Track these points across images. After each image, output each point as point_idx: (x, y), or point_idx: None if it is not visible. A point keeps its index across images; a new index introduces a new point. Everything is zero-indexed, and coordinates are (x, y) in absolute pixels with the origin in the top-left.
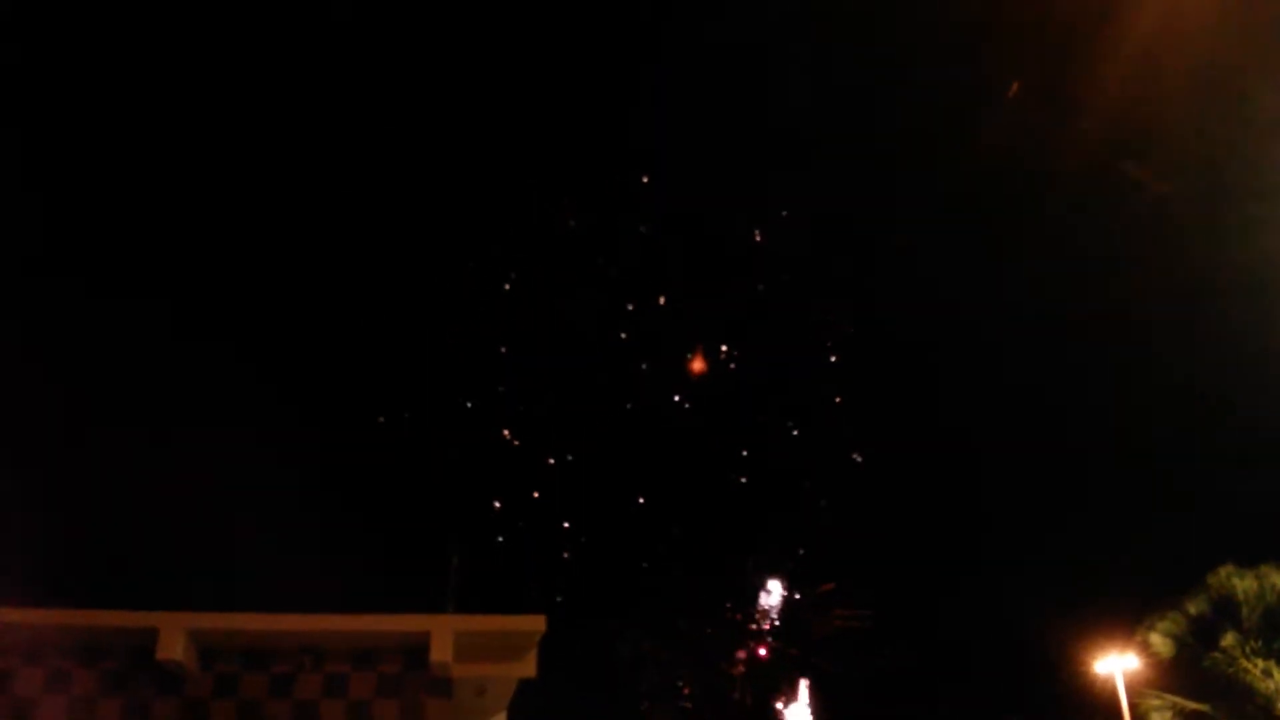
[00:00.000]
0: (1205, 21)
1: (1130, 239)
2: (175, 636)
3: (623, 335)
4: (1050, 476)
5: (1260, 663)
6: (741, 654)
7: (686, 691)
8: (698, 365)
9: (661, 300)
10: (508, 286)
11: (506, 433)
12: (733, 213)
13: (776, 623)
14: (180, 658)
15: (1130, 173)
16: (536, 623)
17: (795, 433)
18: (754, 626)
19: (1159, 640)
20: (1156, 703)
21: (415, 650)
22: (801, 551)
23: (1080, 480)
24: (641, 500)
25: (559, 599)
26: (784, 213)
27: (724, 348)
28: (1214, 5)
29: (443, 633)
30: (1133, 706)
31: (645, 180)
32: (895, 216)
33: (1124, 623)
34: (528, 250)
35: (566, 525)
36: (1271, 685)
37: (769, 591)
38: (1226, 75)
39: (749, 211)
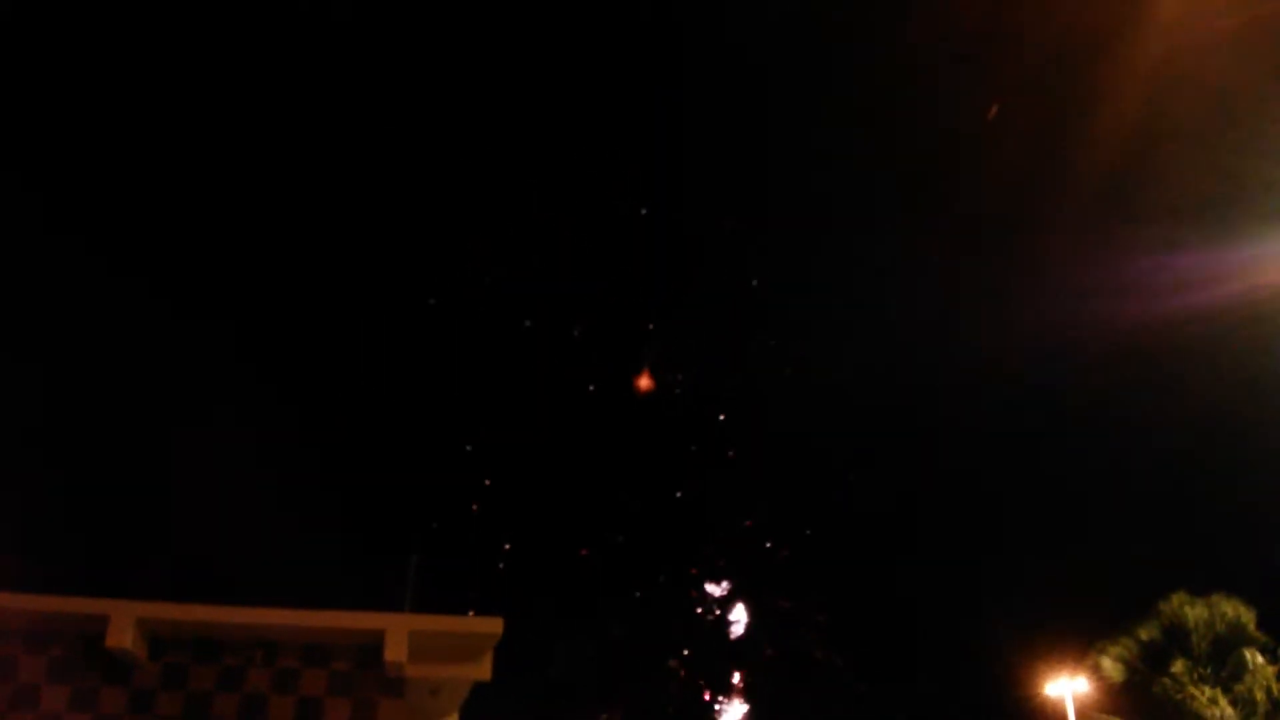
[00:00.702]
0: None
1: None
2: (125, 625)
3: (575, 333)
4: (1005, 501)
5: (1208, 690)
6: (674, 663)
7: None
8: (644, 384)
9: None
10: (474, 291)
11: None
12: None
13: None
14: (129, 646)
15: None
16: (493, 625)
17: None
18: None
19: (1110, 665)
20: None
21: (369, 649)
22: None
23: (1036, 506)
24: (587, 510)
25: (507, 602)
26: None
27: (674, 374)
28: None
29: (397, 632)
30: None
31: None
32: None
33: (1076, 646)
34: (491, 255)
35: (515, 531)
36: (1217, 713)
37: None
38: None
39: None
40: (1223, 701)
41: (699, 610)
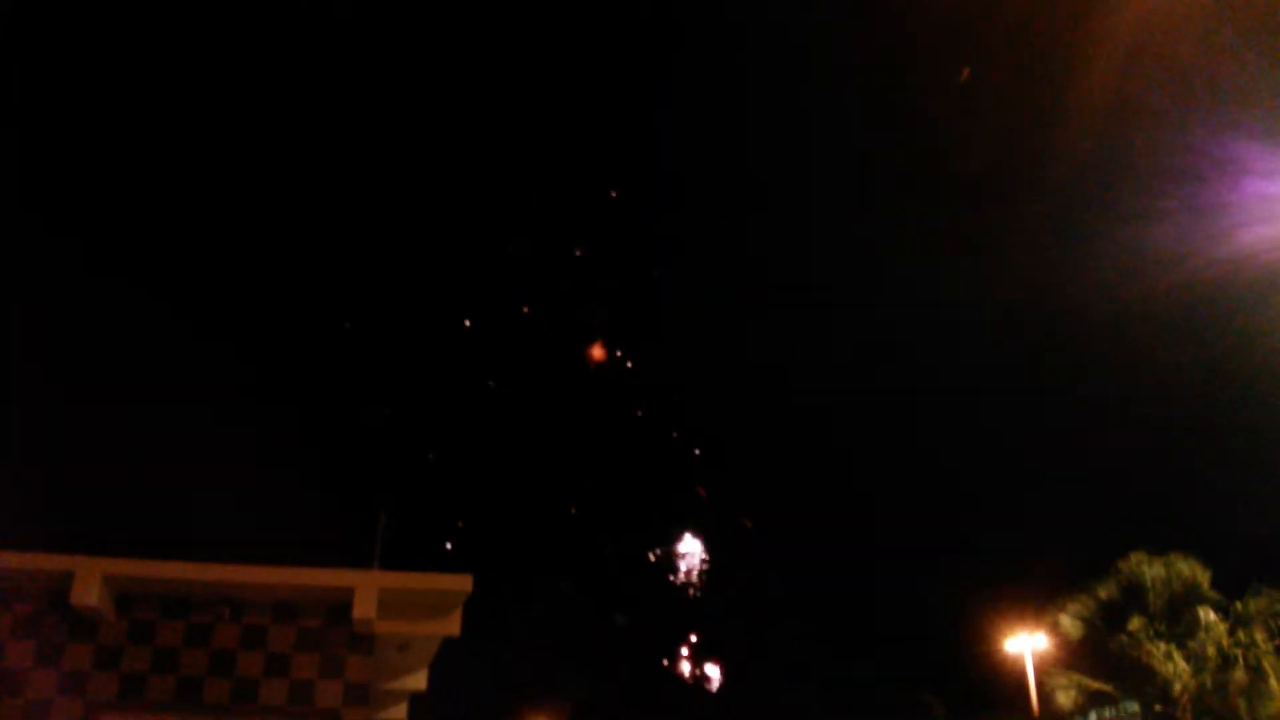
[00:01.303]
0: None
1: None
2: (91, 581)
3: (525, 310)
4: (967, 465)
5: (1163, 646)
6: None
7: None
8: (597, 354)
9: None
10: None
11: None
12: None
13: (693, 579)
14: (95, 603)
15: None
16: (463, 582)
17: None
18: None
19: (1068, 621)
20: (1063, 681)
21: (338, 605)
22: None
23: (997, 469)
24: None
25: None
26: None
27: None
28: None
29: (367, 589)
30: (1040, 685)
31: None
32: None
33: (1035, 604)
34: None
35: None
36: (1172, 668)
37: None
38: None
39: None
40: (1177, 656)
41: (655, 575)
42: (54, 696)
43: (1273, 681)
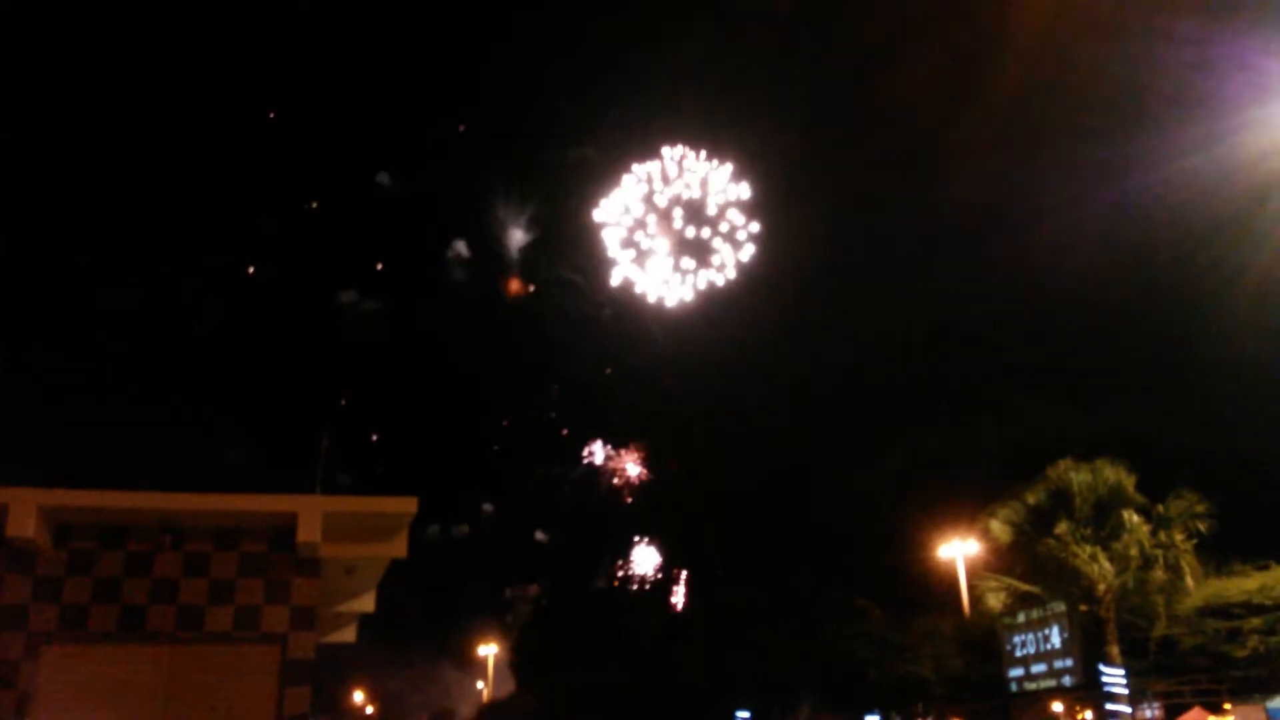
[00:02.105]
0: None
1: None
2: (26, 513)
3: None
4: (897, 376)
5: (1089, 548)
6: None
7: None
8: (514, 287)
9: None
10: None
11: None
12: None
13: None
14: (31, 535)
15: None
16: (408, 504)
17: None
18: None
19: (998, 527)
20: (993, 584)
21: (282, 530)
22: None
23: (927, 377)
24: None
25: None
26: None
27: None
28: None
29: (310, 513)
30: (971, 588)
31: None
32: None
33: (967, 511)
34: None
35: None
36: (1097, 569)
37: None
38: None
39: None
40: (1101, 558)
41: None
42: None
43: (1189, 579)
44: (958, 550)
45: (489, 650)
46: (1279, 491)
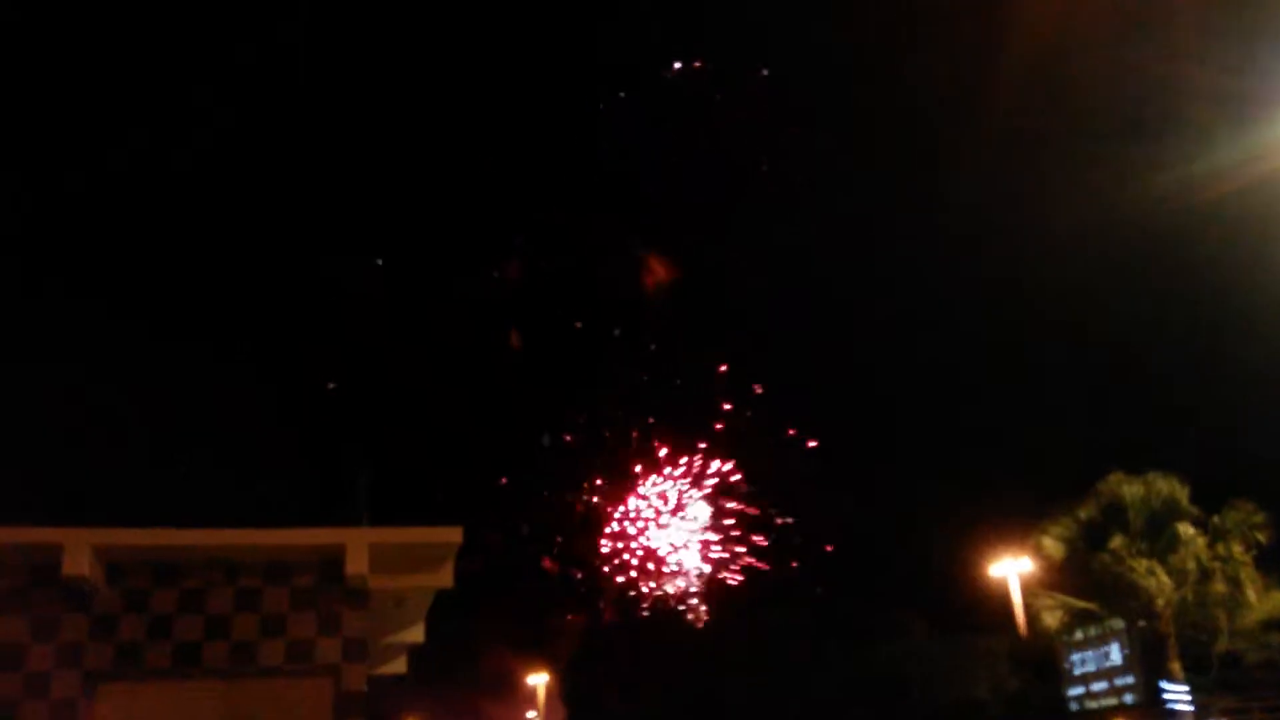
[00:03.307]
0: None
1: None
2: (81, 552)
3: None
4: (948, 395)
5: (1144, 562)
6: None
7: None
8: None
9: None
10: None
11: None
12: None
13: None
14: (86, 573)
15: None
16: (452, 534)
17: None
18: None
19: (1051, 544)
20: (1049, 602)
21: (330, 563)
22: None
23: (975, 396)
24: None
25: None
26: None
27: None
28: None
29: (357, 545)
30: (1026, 606)
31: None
32: None
33: (1018, 528)
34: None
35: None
36: (1154, 583)
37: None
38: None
39: None
40: (1159, 572)
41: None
42: (52, 669)
43: (1249, 592)
44: (1010, 568)
45: (539, 679)
46: None
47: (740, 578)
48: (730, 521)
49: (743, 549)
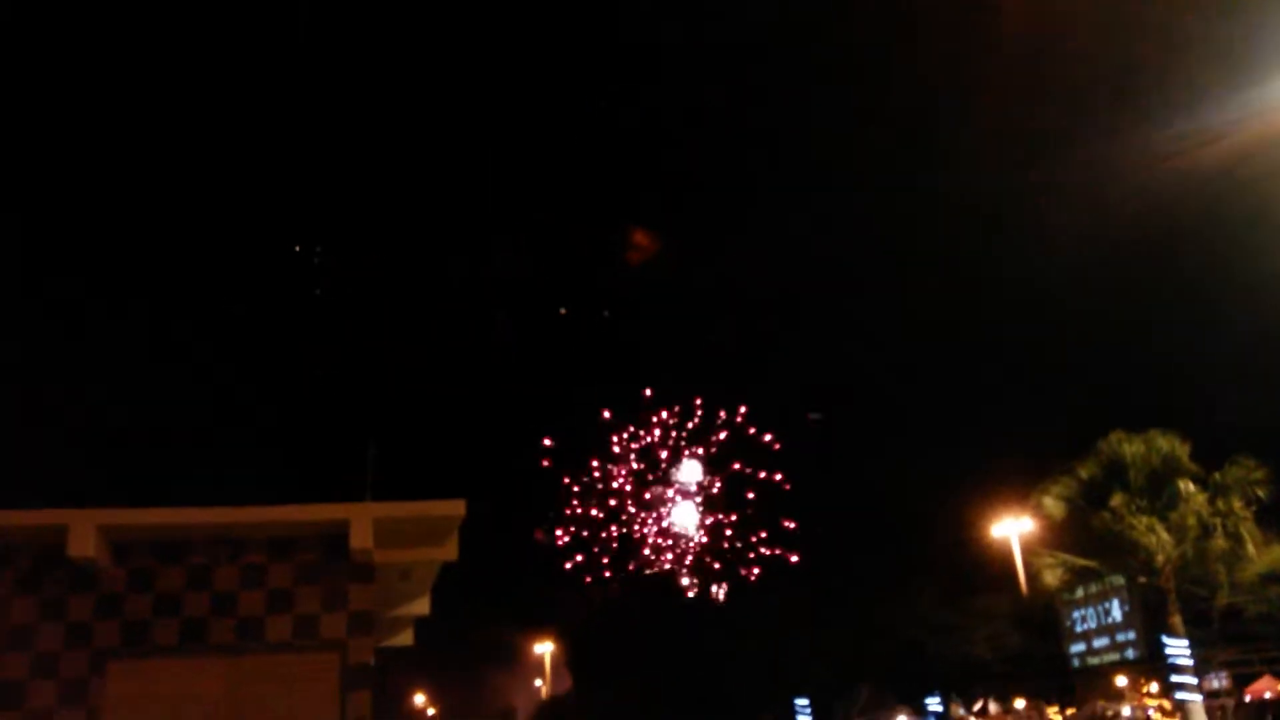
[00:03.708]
0: None
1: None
2: (86, 533)
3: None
4: (950, 360)
5: (1145, 519)
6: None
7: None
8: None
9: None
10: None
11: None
12: None
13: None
14: (92, 554)
15: None
16: (456, 507)
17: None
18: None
19: (1052, 503)
20: (1049, 560)
21: (335, 538)
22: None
23: (975, 360)
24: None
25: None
26: None
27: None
28: None
29: (362, 520)
30: (1027, 565)
31: None
32: None
33: (1019, 489)
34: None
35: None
36: (1155, 540)
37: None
38: None
39: None
40: (1159, 529)
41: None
42: (61, 649)
43: (1250, 547)
44: (1012, 528)
45: (545, 649)
46: None
47: (757, 569)
48: (740, 514)
49: (760, 536)
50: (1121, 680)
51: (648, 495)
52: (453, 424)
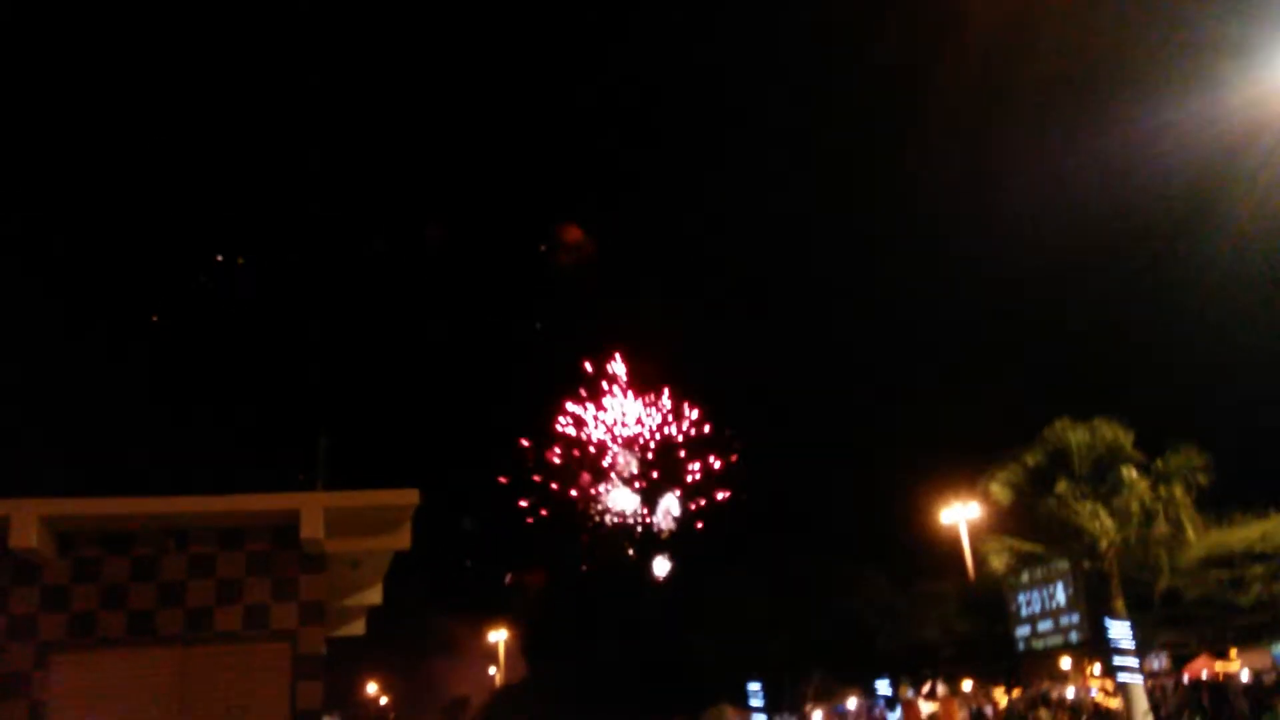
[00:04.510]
0: None
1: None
2: (28, 523)
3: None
4: (893, 346)
5: (1089, 505)
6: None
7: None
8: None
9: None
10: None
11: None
12: None
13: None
14: (35, 545)
15: None
16: (409, 496)
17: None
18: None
19: (998, 489)
20: (995, 545)
21: (286, 528)
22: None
23: (926, 350)
24: None
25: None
26: None
27: None
28: None
29: (312, 509)
30: (974, 550)
31: None
32: None
33: (967, 476)
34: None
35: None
36: (1098, 525)
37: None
38: None
39: None
40: (1103, 514)
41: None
42: (3, 642)
43: (1190, 532)
44: (959, 514)
45: (500, 636)
46: (1275, 439)
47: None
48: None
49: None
50: (1066, 662)
51: (606, 463)
52: (405, 409)
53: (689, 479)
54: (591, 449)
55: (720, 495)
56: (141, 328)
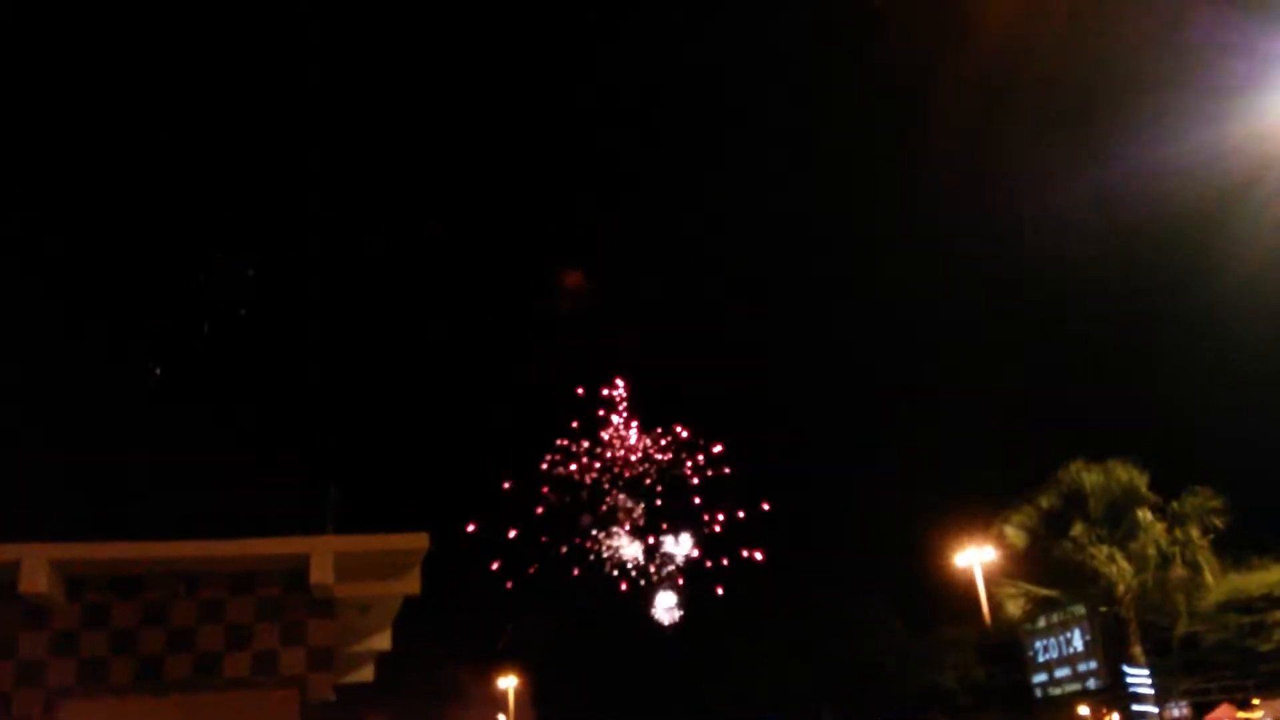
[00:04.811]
0: None
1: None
2: (38, 568)
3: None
4: (904, 391)
5: (1105, 549)
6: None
7: None
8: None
9: None
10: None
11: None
12: None
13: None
14: (45, 589)
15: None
16: (419, 540)
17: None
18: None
19: (1013, 532)
20: (1011, 590)
21: (295, 573)
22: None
23: (935, 390)
24: None
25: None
26: None
27: None
28: None
29: (322, 554)
30: (990, 595)
31: None
32: None
33: (981, 518)
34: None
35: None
36: (1115, 569)
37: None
38: None
39: None
40: (1119, 558)
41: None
42: (12, 689)
43: (1208, 575)
44: (974, 558)
45: (509, 683)
46: None
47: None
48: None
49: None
50: (1084, 710)
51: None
52: (413, 456)
53: (706, 529)
54: (588, 485)
55: (752, 554)
56: (141, 328)
